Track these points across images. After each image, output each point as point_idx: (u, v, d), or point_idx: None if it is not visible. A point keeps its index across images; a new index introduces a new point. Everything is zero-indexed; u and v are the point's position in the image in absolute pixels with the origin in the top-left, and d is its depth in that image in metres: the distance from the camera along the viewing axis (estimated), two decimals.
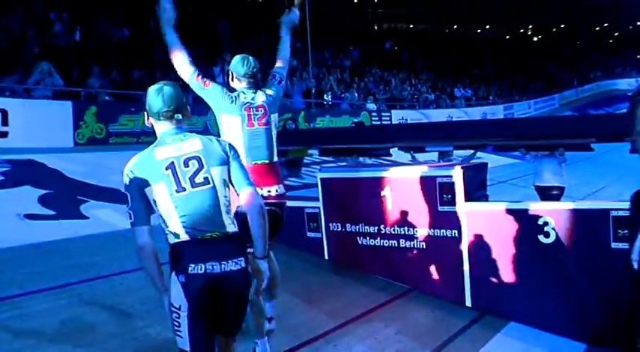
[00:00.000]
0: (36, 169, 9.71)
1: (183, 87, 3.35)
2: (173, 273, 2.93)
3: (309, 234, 6.72)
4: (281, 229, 4.34)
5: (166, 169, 2.98)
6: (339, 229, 6.46)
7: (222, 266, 2.92)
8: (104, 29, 17.55)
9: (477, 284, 5.60)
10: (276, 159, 4.24)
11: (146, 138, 13.26)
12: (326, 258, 6.59)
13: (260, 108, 4.09)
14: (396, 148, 9.11)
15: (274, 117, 4.17)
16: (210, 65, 17.50)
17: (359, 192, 6.34)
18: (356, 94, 23.37)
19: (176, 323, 2.93)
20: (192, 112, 3.23)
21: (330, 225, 6.53)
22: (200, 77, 4.08)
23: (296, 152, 10.96)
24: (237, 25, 22.14)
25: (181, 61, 4.07)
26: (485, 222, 5.60)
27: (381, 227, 6.14)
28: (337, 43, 27.83)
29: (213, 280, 2.89)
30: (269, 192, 4.22)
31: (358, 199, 6.34)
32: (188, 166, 3.00)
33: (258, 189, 3.30)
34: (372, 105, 23.16)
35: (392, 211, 6.07)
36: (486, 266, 5.55)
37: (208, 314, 2.93)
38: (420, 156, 8.83)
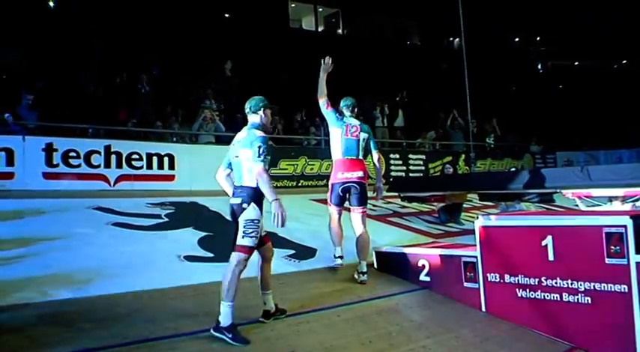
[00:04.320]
0: (198, 212, 10.10)
1: None
2: None
3: (465, 284, 6.50)
4: (363, 198, 7.15)
5: (232, 146, 5.52)
6: (498, 280, 6.20)
7: (234, 200, 5.32)
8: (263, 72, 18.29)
9: None
10: (361, 156, 7.22)
11: (305, 181, 13.59)
12: (483, 310, 6.32)
13: (354, 127, 7.24)
14: (560, 193, 8.70)
15: (363, 134, 7.26)
16: (370, 109, 17.80)
17: (518, 241, 6.08)
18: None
19: None
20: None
21: (488, 275, 6.29)
22: (328, 104, 7.34)
23: (455, 197, 10.75)
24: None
25: (321, 97, 7.33)
26: None
27: (542, 279, 5.82)
28: (497, 83, 27.27)
29: (231, 207, 5.33)
30: (352, 175, 7.13)
31: (518, 248, 6.08)
32: (235, 146, 5.47)
33: (347, 174, 7.12)
34: (534, 147, 22.38)
35: (554, 262, 5.75)
36: None
37: (232, 222, 5.34)
38: (588, 202, 8.38)
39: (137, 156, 11.60)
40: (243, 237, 5.17)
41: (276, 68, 19.34)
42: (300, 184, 13.68)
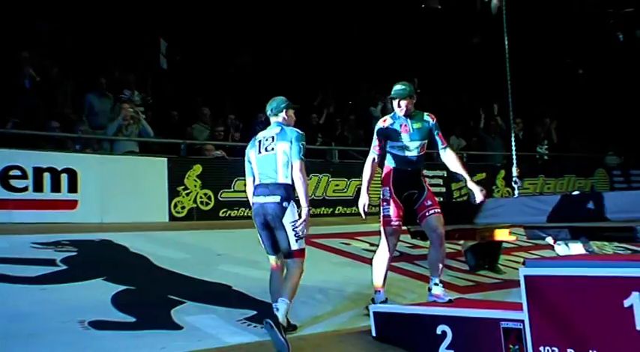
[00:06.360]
0: (113, 254, 10.12)
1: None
2: None
3: None
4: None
5: (258, 142, 7.41)
6: None
7: (265, 198, 7.10)
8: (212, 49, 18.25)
9: None
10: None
11: None
12: None
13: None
14: None
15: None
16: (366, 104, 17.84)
17: (588, 299, 5.92)
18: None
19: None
20: None
21: (542, 349, 6.13)
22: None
23: (490, 232, 10.70)
24: None
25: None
26: None
27: None
28: (555, 64, 27.20)
29: (260, 205, 7.16)
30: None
31: (587, 310, 5.92)
32: (268, 141, 7.29)
33: None
34: (612, 159, 22.50)
35: None
36: None
37: (262, 224, 7.20)
38: None
39: (18, 173, 11.55)
40: (297, 241, 7.09)
41: (232, 43, 19.30)
42: None
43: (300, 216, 7.07)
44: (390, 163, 8.49)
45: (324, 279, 8.62)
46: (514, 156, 16.54)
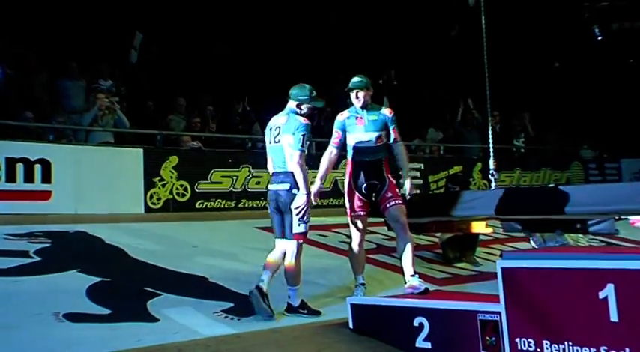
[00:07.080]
0: (88, 246, 10.08)
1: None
2: None
3: None
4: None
5: (269, 130, 8.01)
6: (532, 348, 6.10)
7: (277, 186, 7.79)
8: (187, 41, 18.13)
9: None
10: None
11: (248, 201, 13.56)
12: None
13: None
14: (627, 221, 8.70)
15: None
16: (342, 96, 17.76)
17: (564, 291, 5.95)
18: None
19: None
20: None
21: (518, 341, 6.17)
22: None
23: (466, 225, 10.72)
24: None
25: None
26: None
27: (601, 349, 5.67)
28: (532, 57, 27.20)
29: (273, 192, 7.86)
30: None
31: (562, 302, 5.94)
32: (276, 131, 7.88)
33: None
34: (587, 153, 22.53)
35: (618, 324, 5.59)
36: None
37: (275, 208, 7.87)
38: None
39: None
40: (299, 225, 7.70)
41: (209, 33, 19.19)
42: (241, 205, 13.64)
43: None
44: (350, 155, 8.93)
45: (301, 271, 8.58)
46: (491, 149, 16.61)
